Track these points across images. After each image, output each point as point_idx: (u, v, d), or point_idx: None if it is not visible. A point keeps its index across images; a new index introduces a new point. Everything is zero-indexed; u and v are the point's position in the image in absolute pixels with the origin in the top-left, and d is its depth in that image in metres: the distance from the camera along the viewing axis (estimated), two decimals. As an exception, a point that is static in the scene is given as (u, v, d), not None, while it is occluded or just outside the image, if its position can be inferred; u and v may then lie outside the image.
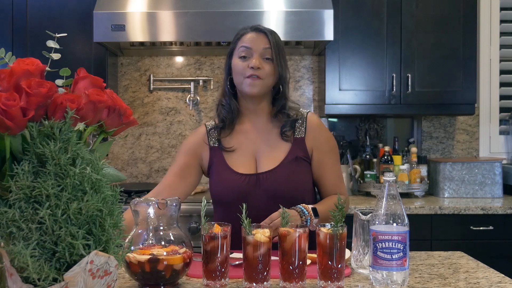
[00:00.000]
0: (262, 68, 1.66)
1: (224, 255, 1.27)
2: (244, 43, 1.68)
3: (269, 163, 1.69)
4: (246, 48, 1.67)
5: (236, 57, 1.69)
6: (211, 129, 1.77)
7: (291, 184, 1.66)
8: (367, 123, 3.32)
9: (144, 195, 2.81)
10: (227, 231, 1.28)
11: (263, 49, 1.67)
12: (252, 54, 1.67)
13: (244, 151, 1.71)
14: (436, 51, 3.03)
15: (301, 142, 1.72)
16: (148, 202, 1.29)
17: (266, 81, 1.67)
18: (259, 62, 1.65)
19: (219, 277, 1.26)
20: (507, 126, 3.40)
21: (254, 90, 1.66)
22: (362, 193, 3.15)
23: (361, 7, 3.02)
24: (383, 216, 1.28)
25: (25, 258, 0.82)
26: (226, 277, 1.28)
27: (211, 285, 1.26)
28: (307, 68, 3.38)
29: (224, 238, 1.27)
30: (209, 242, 1.26)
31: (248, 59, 1.67)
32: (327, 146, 1.75)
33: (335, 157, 1.77)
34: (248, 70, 1.65)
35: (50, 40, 1.04)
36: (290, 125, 1.72)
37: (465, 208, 2.73)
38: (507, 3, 3.41)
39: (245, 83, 1.66)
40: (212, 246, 1.26)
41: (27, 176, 0.85)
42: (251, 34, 1.70)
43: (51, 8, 2.96)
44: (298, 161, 1.69)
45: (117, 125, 1.01)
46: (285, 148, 1.71)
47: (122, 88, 3.36)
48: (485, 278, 1.36)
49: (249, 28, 1.72)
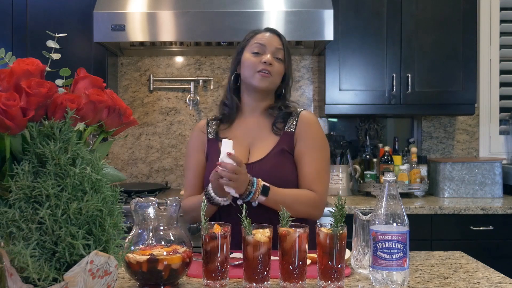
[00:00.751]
0: (273, 66, 1.73)
1: (224, 255, 1.27)
2: (259, 40, 1.75)
3: (258, 154, 1.74)
4: (261, 44, 1.74)
5: (249, 52, 1.75)
6: (210, 120, 1.85)
7: (275, 175, 1.68)
8: (367, 123, 3.32)
9: (144, 195, 2.83)
10: (227, 231, 1.28)
11: (276, 48, 1.75)
12: (265, 51, 1.74)
13: (238, 143, 1.74)
14: (436, 51, 3.03)
15: (290, 136, 1.75)
16: (148, 202, 1.29)
17: (274, 78, 1.75)
18: (272, 59, 1.73)
19: (219, 277, 1.26)
20: (507, 126, 3.40)
21: (263, 84, 1.73)
22: (362, 193, 3.15)
23: (361, 7, 3.02)
24: (383, 216, 1.28)
25: (25, 258, 0.82)
26: (226, 277, 1.28)
27: (211, 285, 1.26)
28: (307, 68, 3.38)
29: (224, 238, 1.27)
30: (209, 242, 1.26)
31: (260, 55, 1.73)
32: (312, 140, 1.74)
33: (319, 154, 1.74)
34: (260, 65, 1.72)
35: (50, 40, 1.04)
36: (282, 118, 1.77)
37: (465, 208, 2.73)
38: (507, 3, 3.41)
39: (255, 76, 1.72)
40: (212, 246, 1.26)
41: (27, 176, 0.85)
42: (265, 33, 1.78)
43: (51, 8, 2.96)
44: (283, 154, 1.72)
45: (117, 125, 1.01)
46: (274, 141, 1.75)
47: (122, 88, 3.36)
48: (485, 278, 1.36)
49: (262, 29, 1.82)
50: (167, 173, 3.36)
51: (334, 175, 3.10)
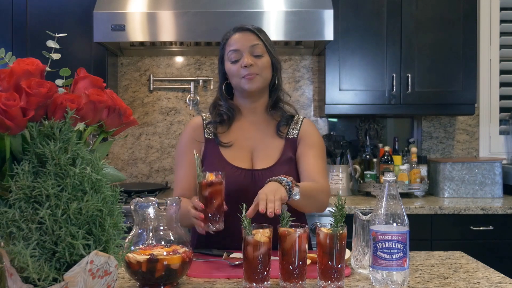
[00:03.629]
0: (255, 64, 1.68)
1: (220, 200, 1.45)
2: (231, 47, 1.70)
3: (265, 161, 1.71)
4: (234, 51, 1.69)
5: (228, 63, 1.71)
6: (208, 122, 1.78)
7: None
8: (367, 123, 3.31)
9: (144, 195, 2.83)
10: (220, 177, 1.46)
11: (250, 46, 1.68)
12: (241, 54, 1.68)
13: (240, 147, 1.72)
14: (436, 51, 3.03)
15: (293, 142, 1.76)
16: (148, 202, 1.29)
17: (261, 75, 1.70)
18: (251, 60, 1.67)
19: (217, 220, 1.44)
20: (507, 126, 3.40)
21: (253, 86, 1.69)
22: (362, 193, 3.15)
23: (361, 7, 3.02)
24: (383, 216, 1.28)
25: (25, 258, 0.82)
26: (222, 221, 1.45)
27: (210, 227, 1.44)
28: (307, 68, 3.38)
29: (220, 184, 1.46)
30: (206, 188, 1.44)
31: (239, 60, 1.68)
32: (312, 141, 1.76)
33: (317, 152, 1.75)
34: (242, 70, 1.67)
35: (50, 40, 1.04)
36: (285, 121, 1.76)
37: (465, 208, 2.73)
38: (507, 3, 3.41)
39: (242, 82, 1.68)
40: (209, 192, 1.44)
41: (27, 176, 0.85)
42: (235, 36, 1.71)
43: (51, 8, 2.96)
44: (291, 162, 1.73)
45: (117, 125, 1.01)
46: (279, 147, 1.74)
47: (122, 88, 3.36)
48: (485, 278, 1.36)
49: (232, 30, 1.74)
50: (167, 173, 3.36)
51: (334, 175, 3.10)
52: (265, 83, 1.73)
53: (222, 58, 1.75)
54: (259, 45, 1.69)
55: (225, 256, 1.52)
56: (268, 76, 1.72)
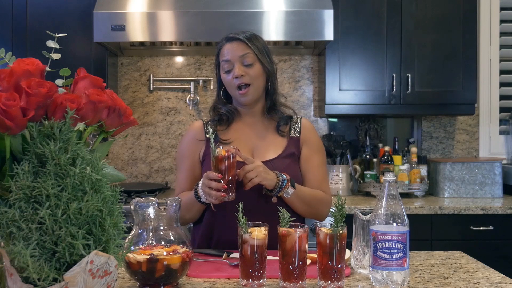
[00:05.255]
0: (246, 74, 1.70)
1: (234, 171, 1.55)
2: (223, 57, 1.73)
3: (266, 155, 1.73)
4: (226, 61, 1.72)
5: (222, 72, 1.74)
6: (209, 121, 1.80)
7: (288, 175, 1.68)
8: (367, 123, 3.31)
9: (144, 195, 2.83)
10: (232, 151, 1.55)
11: (240, 57, 1.70)
12: (233, 64, 1.70)
13: (240, 144, 1.73)
14: (436, 51, 3.03)
15: (296, 140, 1.78)
16: (148, 202, 1.29)
17: (255, 84, 1.72)
18: (242, 70, 1.69)
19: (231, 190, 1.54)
20: (507, 126, 3.40)
21: (248, 99, 1.73)
22: (362, 193, 3.15)
23: (361, 7, 3.02)
24: (383, 216, 1.28)
25: (25, 258, 0.82)
26: (234, 191, 1.54)
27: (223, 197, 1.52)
28: (307, 68, 3.38)
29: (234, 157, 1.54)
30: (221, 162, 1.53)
31: (231, 71, 1.71)
32: (316, 146, 1.81)
33: (322, 158, 1.81)
34: (234, 80, 1.70)
35: (50, 40, 1.04)
36: (285, 121, 1.79)
37: (465, 208, 2.73)
38: (507, 3, 3.41)
39: (237, 95, 1.72)
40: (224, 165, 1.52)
41: (27, 176, 0.85)
42: (226, 45, 1.73)
43: (51, 8, 2.96)
44: (293, 157, 1.75)
45: (117, 125, 1.01)
46: (282, 143, 1.76)
47: (122, 88, 3.36)
48: (485, 278, 1.36)
49: (224, 39, 1.75)
50: (167, 173, 3.36)
51: (334, 175, 3.10)
52: (259, 92, 1.75)
53: (218, 66, 1.78)
54: (249, 53, 1.70)
55: (225, 256, 1.52)
56: (260, 84, 1.74)
